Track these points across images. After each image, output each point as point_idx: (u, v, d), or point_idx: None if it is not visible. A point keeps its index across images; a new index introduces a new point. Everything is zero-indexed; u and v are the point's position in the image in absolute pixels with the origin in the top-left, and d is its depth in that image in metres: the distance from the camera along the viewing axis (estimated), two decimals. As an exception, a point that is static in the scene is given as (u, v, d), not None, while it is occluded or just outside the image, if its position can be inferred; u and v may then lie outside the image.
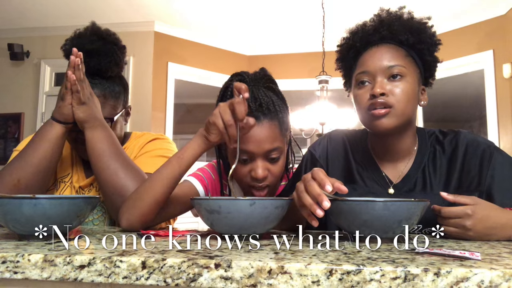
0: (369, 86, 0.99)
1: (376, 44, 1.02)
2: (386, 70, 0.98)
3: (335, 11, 3.77)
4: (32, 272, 0.60)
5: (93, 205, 0.82)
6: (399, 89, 0.97)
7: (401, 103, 0.96)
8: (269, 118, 1.05)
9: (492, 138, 3.85)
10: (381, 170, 1.07)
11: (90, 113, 1.10)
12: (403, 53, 1.01)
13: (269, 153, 1.06)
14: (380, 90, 0.95)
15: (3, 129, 4.53)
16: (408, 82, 0.98)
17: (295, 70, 4.82)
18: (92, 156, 1.10)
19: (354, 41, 1.05)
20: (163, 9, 4.12)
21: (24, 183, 1.07)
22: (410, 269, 0.52)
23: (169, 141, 1.34)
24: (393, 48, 1.00)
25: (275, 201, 0.78)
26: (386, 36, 1.01)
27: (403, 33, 1.00)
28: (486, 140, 1.04)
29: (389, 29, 1.01)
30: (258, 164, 1.06)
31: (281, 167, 1.11)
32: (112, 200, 1.08)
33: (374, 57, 1.00)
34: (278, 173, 1.10)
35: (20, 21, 4.37)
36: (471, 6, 3.91)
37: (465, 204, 0.82)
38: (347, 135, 1.15)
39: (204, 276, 0.56)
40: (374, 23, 1.04)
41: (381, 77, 0.98)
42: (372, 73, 0.99)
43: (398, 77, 0.97)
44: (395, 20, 1.02)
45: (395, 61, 0.98)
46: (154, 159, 1.22)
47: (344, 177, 1.09)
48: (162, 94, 4.44)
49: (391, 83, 0.97)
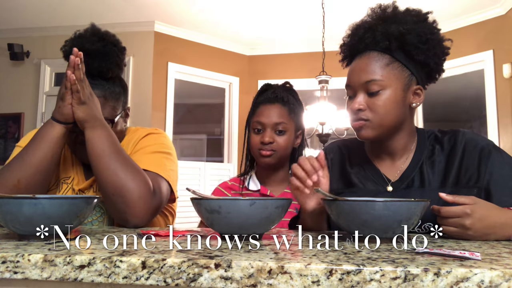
0: (354, 100, 1.03)
1: (360, 53, 1.03)
2: (364, 85, 1.00)
3: (335, 11, 3.77)
4: (32, 272, 0.60)
5: (93, 205, 0.82)
6: (377, 104, 1.00)
7: (377, 116, 1.00)
8: (281, 104, 1.44)
9: (492, 138, 3.85)
10: (379, 169, 1.08)
11: (90, 113, 1.09)
12: (385, 61, 1.00)
13: (276, 126, 1.42)
14: (358, 106, 1.00)
15: (3, 129, 4.53)
16: (388, 94, 0.99)
17: (295, 70, 4.82)
18: (92, 156, 1.09)
19: (346, 51, 1.08)
20: (163, 9, 4.12)
21: (24, 183, 1.07)
22: (410, 269, 0.52)
23: (164, 135, 1.32)
24: (375, 57, 1.01)
25: (275, 201, 0.78)
26: (370, 43, 1.02)
27: (384, 40, 1.00)
28: (485, 139, 1.05)
29: (372, 36, 1.01)
30: (267, 133, 1.42)
31: (285, 140, 1.43)
32: (112, 201, 1.08)
33: (354, 71, 1.03)
34: (283, 143, 1.42)
35: (20, 21, 4.37)
36: (471, 6, 3.92)
37: (464, 204, 0.83)
38: (342, 143, 1.20)
39: (204, 276, 0.56)
40: (360, 29, 1.04)
41: (361, 92, 1.01)
42: (353, 87, 1.03)
43: (377, 91, 0.99)
44: (379, 24, 1.01)
45: (372, 75, 0.99)
46: (149, 156, 1.21)
47: (343, 182, 1.11)
48: (162, 94, 4.44)
49: (370, 98, 1.00)
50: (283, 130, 1.43)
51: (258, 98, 1.50)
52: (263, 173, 1.52)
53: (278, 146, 1.42)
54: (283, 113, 1.44)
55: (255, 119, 1.45)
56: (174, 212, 1.35)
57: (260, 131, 1.44)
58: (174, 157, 1.28)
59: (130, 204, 1.06)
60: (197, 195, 0.83)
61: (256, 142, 1.44)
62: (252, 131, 1.46)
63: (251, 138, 1.46)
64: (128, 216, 1.07)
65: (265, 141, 1.40)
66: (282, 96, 1.46)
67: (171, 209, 1.33)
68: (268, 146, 1.41)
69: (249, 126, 1.51)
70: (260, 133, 1.44)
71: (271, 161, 1.43)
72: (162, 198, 1.15)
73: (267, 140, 1.40)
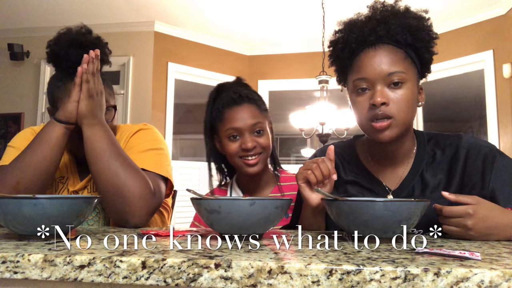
0: (369, 94, 0.95)
1: (373, 45, 0.96)
2: (386, 77, 0.93)
3: (335, 11, 3.77)
4: (32, 272, 0.60)
5: (94, 205, 0.82)
6: (400, 97, 0.93)
7: (402, 112, 0.94)
8: (248, 102, 1.32)
9: (492, 138, 3.85)
10: (377, 177, 1.05)
11: (92, 110, 1.09)
12: (402, 55, 0.96)
13: (253, 127, 1.30)
14: (381, 100, 0.92)
15: (3, 129, 4.53)
16: (409, 88, 0.95)
17: (295, 70, 4.82)
18: (90, 155, 1.09)
19: (349, 41, 0.99)
20: (163, 9, 4.12)
21: (23, 184, 1.06)
22: (410, 269, 0.52)
23: (154, 130, 1.31)
24: (392, 50, 0.95)
25: (275, 201, 0.78)
26: (384, 36, 0.96)
27: (401, 33, 0.95)
28: (488, 144, 1.02)
29: (386, 28, 0.95)
30: (246, 138, 1.29)
31: (267, 139, 1.33)
32: (112, 201, 1.08)
33: (372, 62, 0.95)
34: (266, 143, 1.32)
35: (20, 21, 4.37)
36: (471, 6, 3.91)
37: (467, 204, 0.82)
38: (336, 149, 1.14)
39: (204, 276, 0.56)
40: (370, 20, 0.98)
41: (381, 85, 0.94)
42: (371, 80, 0.95)
43: (399, 84, 0.94)
44: (392, 17, 0.96)
45: (395, 67, 0.94)
46: (144, 154, 1.20)
47: (338, 193, 1.06)
48: (162, 94, 4.44)
49: (392, 91, 0.94)
50: (261, 130, 1.32)
51: (216, 102, 1.34)
52: (244, 179, 1.40)
53: (261, 148, 1.31)
54: (254, 111, 1.32)
55: (227, 126, 1.30)
56: (169, 208, 1.36)
57: (236, 137, 1.30)
58: (166, 151, 1.27)
59: (130, 204, 1.06)
60: (197, 195, 0.83)
61: (235, 150, 1.30)
62: (227, 139, 1.31)
63: (228, 147, 1.31)
64: (129, 216, 1.07)
65: (249, 147, 1.28)
66: (245, 94, 1.33)
67: (166, 205, 1.33)
68: (252, 152, 1.29)
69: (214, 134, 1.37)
70: (237, 139, 1.30)
71: (260, 168, 1.32)
72: (161, 197, 1.16)
73: (250, 145, 1.28)
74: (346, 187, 1.07)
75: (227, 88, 1.36)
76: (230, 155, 1.32)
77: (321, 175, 0.93)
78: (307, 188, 0.96)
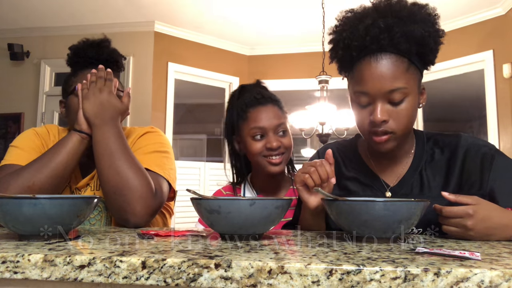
0: (369, 109, 0.94)
1: (374, 54, 0.92)
2: (387, 94, 0.92)
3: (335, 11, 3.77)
4: (32, 272, 0.60)
5: (94, 206, 0.82)
6: (401, 113, 0.93)
7: (402, 126, 0.94)
8: (272, 103, 1.36)
9: (492, 138, 3.85)
10: (377, 174, 1.06)
11: (95, 112, 1.15)
12: (405, 65, 0.92)
13: (277, 128, 1.34)
14: (381, 118, 0.92)
15: (3, 129, 4.53)
16: (410, 102, 0.93)
17: (295, 70, 4.82)
18: (96, 153, 1.11)
19: (350, 48, 0.95)
20: (163, 9, 4.12)
21: (38, 186, 1.09)
22: (410, 269, 0.52)
23: (160, 133, 1.33)
24: (394, 61, 0.92)
25: (275, 201, 0.78)
26: (387, 45, 0.92)
27: (404, 42, 0.91)
28: (487, 143, 1.02)
29: (389, 37, 0.91)
30: (271, 138, 1.32)
31: (289, 140, 1.37)
32: (113, 199, 1.08)
33: (374, 76, 0.92)
34: (289, 144, 1.36)
35: (20, 21, 4.37)
36: (471, 6, 3.91)
37: (467, 204, 0.82)
38: (336, 147, 1.15)
39: (204, 276, 0.56)
40: (373, 27, 0.92)
41: (382, 101, 0.92)
42: (372, 95, 0.93)
43: (401, 100, 0.92)
44: (395, 25, 0.91)
45: (397, 82, 0.91)
46: (149, 155, 1.21)
47: (339, 189, 1.07)
48: (162, 94, 4.44)
49: (392, 108, 0.93)
50: (284, 130, 1.35)
51: (239, 101, 1.37)
52: (259, 180, 1.42)
53: (285, 148, 1.34)
54: (278, 112, 1.36)
55: (252, 125, 1.32)
56: (171, 210, 1.36)
57: (261, 136, 1.33)
58: (172, 155, 1.29)
59: (131, 203, 1.06)
60: (197, 195, 0.83)
61: (259, 149, 1.32)
62: (251, 138, 1.33)
63: (252, 146, 1.33)
64: (129, 215, 1.07)
65: (274, 146, 1.30)
66: (268, 95, 1.37)
67: (168, 207, 1.33)
68: (276, 151, 1.32)
69: (237, 133, 1.38)
70: (262, 139, 1.33)
71: (282, 168, 1.35)
72: (163, 198, 1.16)
73: (275, 145, 1.31)
74: (346, 183, 1.08)
75: (249, 89, 1.41)
76: (254, 154, 1.34)
77: (319, 179, 0.93)
78: (305, 191, 0.96)
